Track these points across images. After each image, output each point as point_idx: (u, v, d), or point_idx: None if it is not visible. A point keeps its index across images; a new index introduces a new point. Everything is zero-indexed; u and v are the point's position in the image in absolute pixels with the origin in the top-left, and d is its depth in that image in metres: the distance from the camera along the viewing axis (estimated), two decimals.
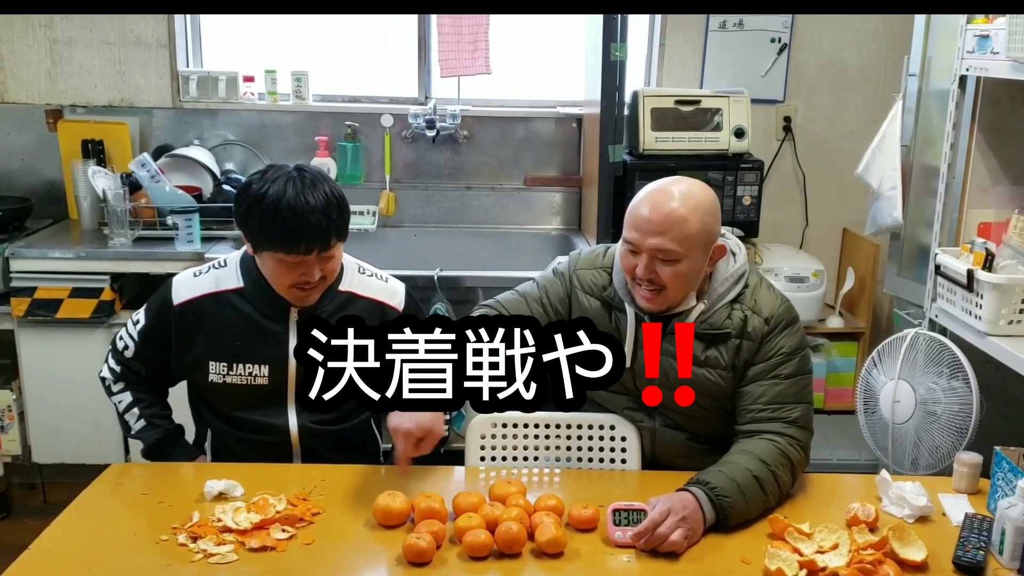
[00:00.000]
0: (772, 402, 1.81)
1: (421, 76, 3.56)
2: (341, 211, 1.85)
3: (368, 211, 3.47)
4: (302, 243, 1.80)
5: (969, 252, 2.36)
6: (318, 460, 1.95)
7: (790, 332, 1.85)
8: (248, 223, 1.84)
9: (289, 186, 1.80)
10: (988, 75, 2.39)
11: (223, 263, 1.98)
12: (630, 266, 1.80)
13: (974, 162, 2.55)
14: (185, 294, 1.94)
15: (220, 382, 1.93)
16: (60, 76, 3.32)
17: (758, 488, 1.69)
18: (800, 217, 3.64)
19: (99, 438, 3.04)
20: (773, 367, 1.83)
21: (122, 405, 2.00)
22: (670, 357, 1.83)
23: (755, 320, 1.83)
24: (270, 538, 1.59)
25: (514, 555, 1.55)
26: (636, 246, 1.77)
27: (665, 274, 1.76)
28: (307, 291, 1.88)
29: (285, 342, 1.92)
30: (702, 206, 1.77)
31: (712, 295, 1.85)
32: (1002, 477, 1.69)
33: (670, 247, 1.74)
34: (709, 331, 1.83)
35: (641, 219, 1.76)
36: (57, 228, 3.32)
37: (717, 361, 1.84)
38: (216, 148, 3.48)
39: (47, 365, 3.04)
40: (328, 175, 1.91)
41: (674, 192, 1.76)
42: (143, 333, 1.98)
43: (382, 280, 2.05)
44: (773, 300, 1.87)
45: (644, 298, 1.82)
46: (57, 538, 1.61)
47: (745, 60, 3.49)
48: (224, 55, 3.57)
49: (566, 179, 3.59)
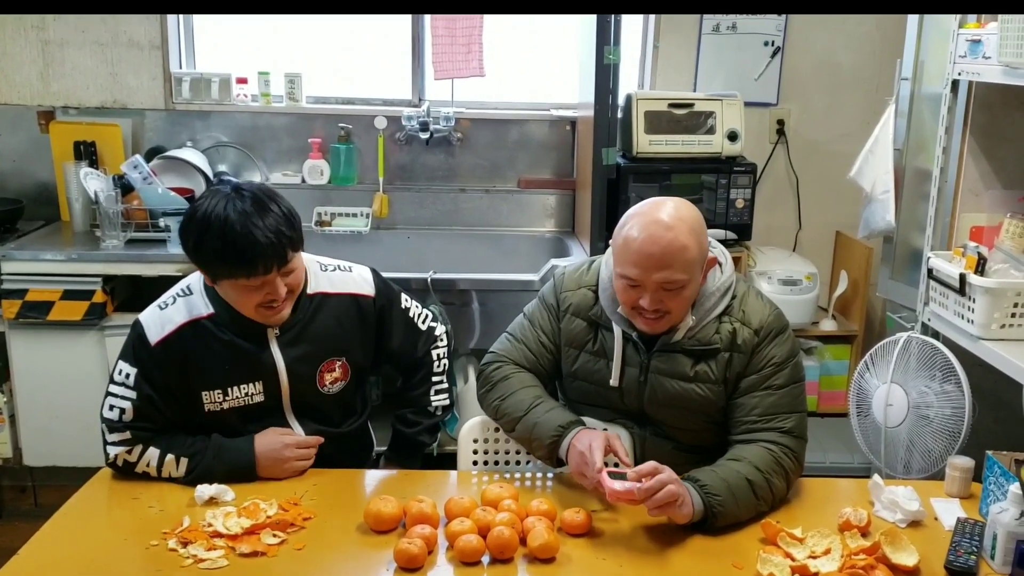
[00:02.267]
0: (766, 413, 1.80)
1: (415, 78, 3.56)
2: (292, 224, 1.79)
3: (361, 213, 3.47)
4: (259, 264, 1.73)
5: (961, 256, 2.36)
6: (318, 462, 1.93)
7: (780, 341, 1.83)
8: (200, 254, 1.77)
9: (231, 210, 1.72)
10: (980, 79, 2.39)
11: (187, 290, 1.88)
12: (632, 299, 1.76)
13: (966, 166, 2.55)
14: (159, 332, 1.83)
15: (218, 410, 1.88)
16: (52, 77, 3.30)
17: (750, 491, 1.69)
18: (793, 220, 3.64)
19: (91, 441, 2.97)
20: (765, 378, 1.81)
21: (153, 463, 1.82)
22: (659, 374, 1.83)
23: (744, 332, 1.81)
24: (261, 543, 1.58)
25: (506, 560, 1.55)
26: (639, 281, 1.73)
27: (672, 302, 1.75)
28: (275, 309, 1.81)
29: (271, 360, 1.88)
30: (696, 228, 1.74)
31: (700, 310, 1.82)
32: (994, 481, 1.69)
33: (676, 277, 1.71)
34: (698, 347, 1.82)
35: (642, 255, 1.71)
36: (49, 230, 3.30)
37: (707, 376, 1.82)
38: (209, 150, 3.47)
39: (38, 368, 3.03)
40: (271, 188, 1.84)
41: (665, 219, 1.72)
42: (138, 380, 1.82)
43: (346, 271, 1.99)
44: (762, 310, 1.85)
45: (648, 325, 1.79)
46: (46, 543, 1.60)
47: (738, 63, 3.50)
48: (217, 57, 3.56)
49: (560, 182, 3.59)
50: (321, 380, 1.94)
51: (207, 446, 1.85)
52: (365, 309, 1.98)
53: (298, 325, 1.90)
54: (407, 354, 2.07)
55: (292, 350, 1.89)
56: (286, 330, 1.89)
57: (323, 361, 1.93)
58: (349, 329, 1.96)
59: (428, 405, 2.07)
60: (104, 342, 2.99)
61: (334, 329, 1.93)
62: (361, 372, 2.03)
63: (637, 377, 1.86)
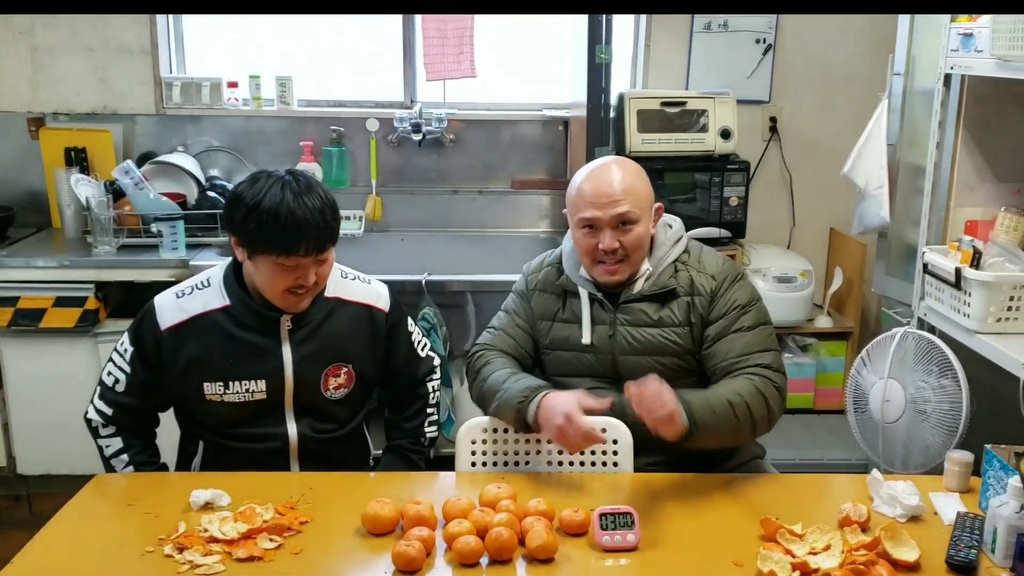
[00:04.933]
0: (742, 354, 1.92)
1: (406, 79, 3.55)
2: (335, 215, 1.88)
3: (355, 216, 3.46)
4: (301, 245, 1.80)
5: (957, 250, 2.36)
6: (314, 465, 1.95)
7: (740, 286, 1.99)
8: (245, 228, 1.82)
9: (287, 191, 1.81)
10: (972, 73, 2.39)
11: (206, 283, 1.94)
12: (591, 246, 1.94)
13: (960, 160, 2.55)
14: (171, 318, 1.90)
15: (218, 401, 1.91)
16: (42, 84, 3.29)
17: (731, 412, 1.81)
18: (787, 217, 3.64)
19: (85, 448, 2.96)
20: (733, 321, 1.95)
21: (110, 449, 1.95)
22: (626, 325, 1.98)
23: (701, 277, 1.98)
24: (257, 548, 1.57)
25: (505, 561, 1.54)
26: (596, 220, 1.92)
27: (627, 240, 1.93)
28: (300, 296, 1.87)
29: (279, 354, 1.92)
30: (640, 172, 1.98)
31: (655, 258, 2.00)
32: (993, 475, 1.69)
33: (629, 210, 1.91)
34: (658, 291, 1.98)
35: (598, 194, 1.92)
36: (40, 237, 3.29)
37: (671, 319, 1.97)
38: (200, 154, 3.45)
39: (31, 375, 3.01)
40: (319, 180, 1.92)
41: (612, 166, 1.97)
42: (133, 359, 1.92)
43: (365, 283, 2.05)
44: (716, 260, 2.03)
45: (608, 272, 1.96)
46: (41, 550, 1.59)
47: (730, 61, 3.50)
48: (207, 61, 3.55)
49: (553, 182, 3.58)
50: (325, 384, 1.96)
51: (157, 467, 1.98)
52: (377, 322, 2.02)
53: (311, 324, 1.94)
54: (408, 372, 2.11)
55: (302, 348, 1.93)
56: (299, 327, 1.92)
57: (330, 364, 1.95)
58: (359, 337, 1.99)
59: (422, 436, 2.13)
60: (97, 349, 2.97)
61: (345, 334, 1.97)
62: (366, 383, 2.05)
63: (607, 333, 1.99)
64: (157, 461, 2.01)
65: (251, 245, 1.84)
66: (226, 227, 1.92)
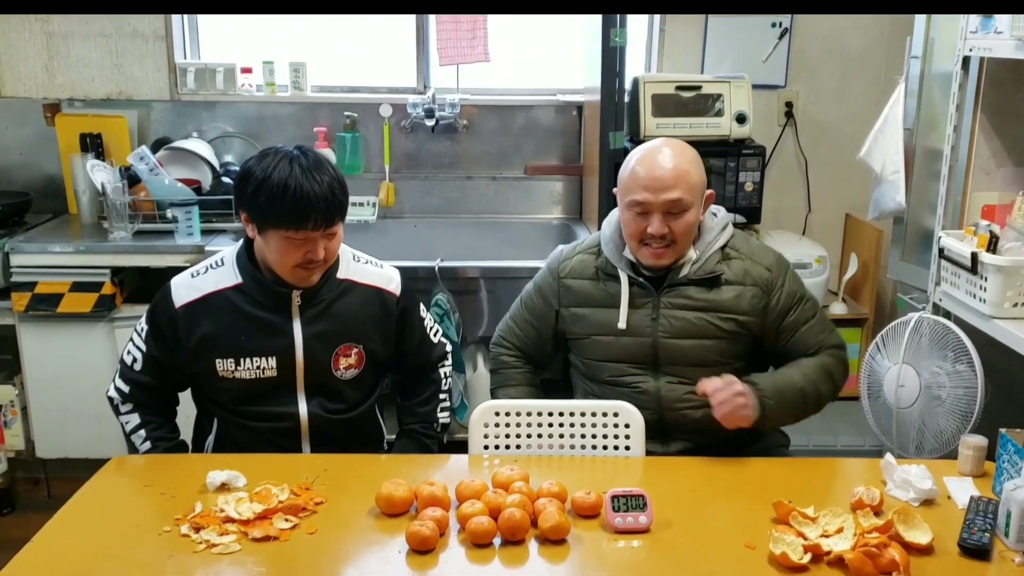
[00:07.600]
0: (816, 341, 2.04)
1: (419, 65, 3.54)
2: (344, 190, 1.90)
3: (368, 202, 3.47)
4: (310, 219, 1.82)
5: (973, 235, 2.34)
6: (326, 447, 1.97)
7: (792, 275, 2.06)
8: (256, 203, 1.85)
9: (295, 165, 1.84)
10: (992, 55, 2.37)
11: (220, 262, 1.98)
12: (639, 229, 1.94)
13: (978, 144, 2.53)
14: (186, 296, 1.94)
15: (230, 377, 1.94)
16: (57, 70, 3.30)
17: (800, 398, 1.94)
18: (803, 203, 3.62)
19: (102, 432, 3.03)
20: (801, 313, 2.03)
21: (129, 426, 1.99)
22: (671, 308, 1.99)
23: (758, 268, 2.02)
24: (273, 528, 1.58)
25: (517, 541, 1.55)
26: (648, 205, 1.91)
27: (677, 227, 1.93)
28: (311, 270, 1.90)
29: (290, 331, 1.94)
30: (695, 158, 1.97)
31: (702, 243, 2.01)
32: (1007, 459, 1.68)
33: (681, 197, 1.91)
34: (705, 276, 1.99)
35: (651, 178, 1.91)
36: (57, 222, 3.31)
37: (718, 304, 1.99)
38: (215, 140, 3.46)
39: (49, 360, 3.04)
40: (326, 156, 1.94)
41: (667, 150, 1.95)
42: (149, 338, 1.96)
43: (377, 266, 2.07)
44: (768, 251, 2.07)
45: (654, 255, 1.96)
46: (59, 531, 1.61)
47: (746, 45, 3.47)
48: (221, 47, 3.56)
49: (567, 167, 3.57)
50: (336, 363, 1.97)
51: (167, 449, 1.98)
52: (388, 305, 2.04)
53: (323, 302, 1.96)
54: (421, 357, 2.13)
55: (312, 326, 1.94)
56: (310, 304, 1.94)
57: (340, 344, 1.97)
58: (369, 319, 2.01)
59: (435, 421, 2.14)
60: (114, 333, 3.00)
61: (355, 315, 1.99)
62: (377, 365, 2.06)
63: (649, 315, 2.00)
64: (175, 438, 2.03)
65: (261, 220, 1.86)
66: (236, 203, 1.94)
